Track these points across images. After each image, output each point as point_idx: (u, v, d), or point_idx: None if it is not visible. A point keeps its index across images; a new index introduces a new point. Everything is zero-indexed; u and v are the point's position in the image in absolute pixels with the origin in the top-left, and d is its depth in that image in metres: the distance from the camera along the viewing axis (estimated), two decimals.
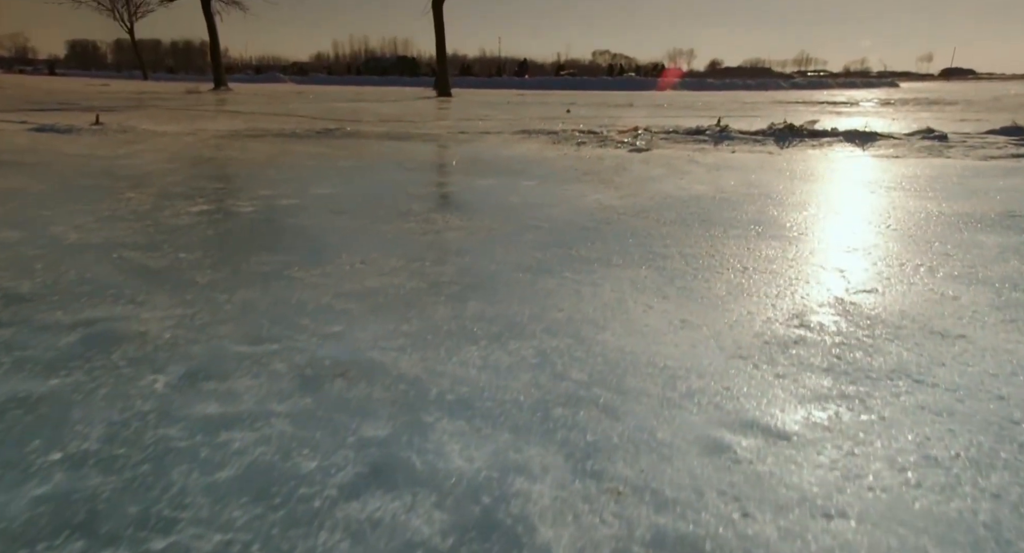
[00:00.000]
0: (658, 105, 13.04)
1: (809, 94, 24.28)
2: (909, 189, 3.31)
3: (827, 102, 15.28)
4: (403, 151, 4.84)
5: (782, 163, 4.33)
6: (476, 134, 6.12)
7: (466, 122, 7.81)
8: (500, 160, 4.42)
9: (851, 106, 13.52)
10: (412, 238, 2.28)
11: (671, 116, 9.41)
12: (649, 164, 4.28)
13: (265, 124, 7.06)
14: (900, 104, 14.36)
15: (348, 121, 7.73)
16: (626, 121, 8.09)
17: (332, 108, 10.53)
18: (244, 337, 1.39)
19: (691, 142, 5.45)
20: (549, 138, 5.75)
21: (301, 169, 3.86)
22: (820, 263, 2.01)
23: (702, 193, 3.20)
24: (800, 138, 5.40)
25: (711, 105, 13.36)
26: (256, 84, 38.63)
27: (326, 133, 6.03)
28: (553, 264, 1.98)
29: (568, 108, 10.54)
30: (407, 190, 3.22)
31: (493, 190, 3.26)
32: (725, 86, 33.27)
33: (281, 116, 8.47)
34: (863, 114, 10.32)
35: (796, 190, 3.29)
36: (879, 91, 31.95)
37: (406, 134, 6.03)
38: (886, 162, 4.36)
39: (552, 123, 7.56)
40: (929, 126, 5.75)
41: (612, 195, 3.14)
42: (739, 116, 9.34)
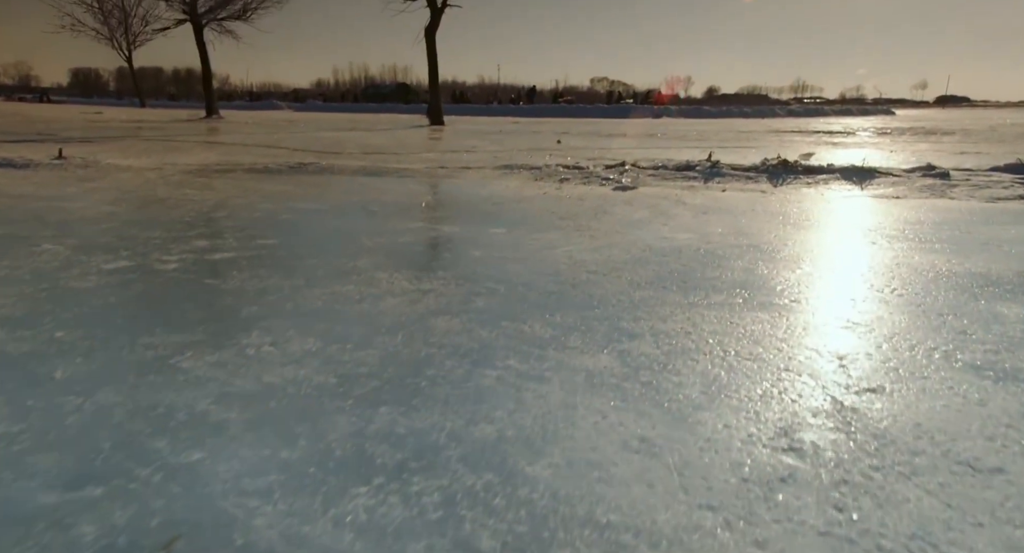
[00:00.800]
0: (651, 134, 12.85)
1: (805, 122, 24.23)
2: (913, 239, 3.01)
3: (823, 131, 15.13)
4: (373, 190, 4.56)
5: (775, 205, 4.04)
6: (456, 169, 5.85)
7: (451, 154, 7.56)
8: (473, 201, 4.13)
9: (847, 135, 13.35)
10: (344, 307, 1.97)
11: (663, 147, 9.18)
12: (632, 205, 3.99)
13: (240, 157, 6.80)
14: (897, 134, 14.20)
15: (329, 153, 7.47)
16: (616, 153, 7.85)
17: (317, 138, 10.30)
18: (62, 476, 1.07)
19: (680, 179, 5.18)
20: (531, 174, 5.48)
21: (254, 213, 3.56)
22: (815, 346, 1.69)
23: (685, 243, 2.90)
24: (794, 175, 5.13)
25: (705, 134, 13.18)
26: (252, 111, 38.75)
27: (299, 168, 5.76)
28: (498, 347, 1.66)
29: (559, 139, 10.32)
30: (361, 240, 2.91)
31: (456, 240, 2.96)
32: (721, 114, 33.35)
33: (261, 147, 8.22)
34: (859, 145, 10.10)
35: (789, 240, 2.99)
36: (875, 119, 32.00)
37: (383, 169, 5.76)
38: (886, 204, 4.07)
39: (539, 155, 7.31)
40: (929, 162, 5.48)
41: (586, 246, 2.84)
42: (733, 147, 9.11)
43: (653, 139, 11.41)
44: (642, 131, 14.51)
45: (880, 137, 12.92)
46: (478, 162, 6.48)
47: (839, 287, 2.24)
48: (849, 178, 4.98)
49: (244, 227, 3.17)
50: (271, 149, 8.00)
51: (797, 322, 1.88)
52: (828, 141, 11.35)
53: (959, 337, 1.76)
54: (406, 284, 2.23)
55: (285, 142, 9.31)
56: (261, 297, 2.06)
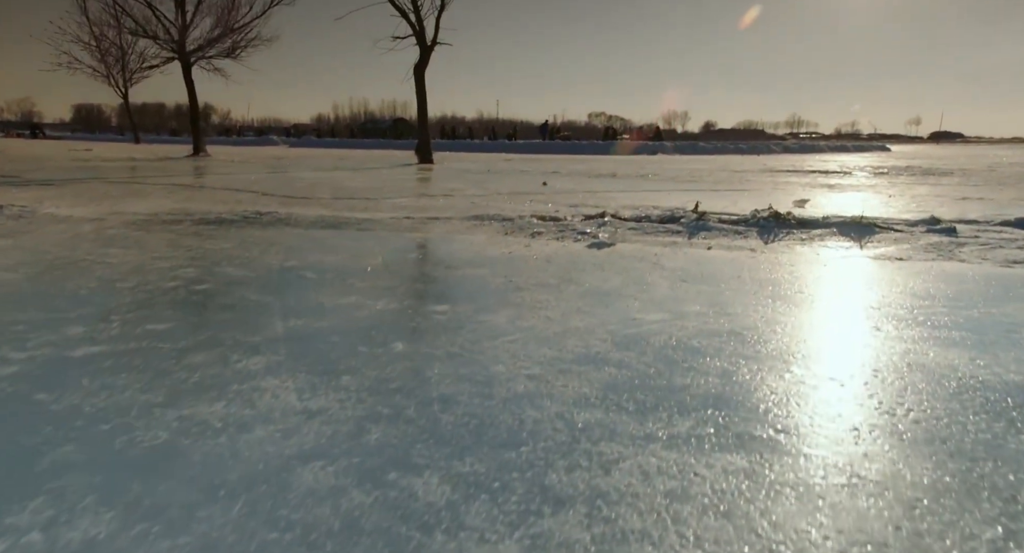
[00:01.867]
0: (642, 175, 12.52)
1: (801, 159, 24.04)
2: (925, 323, 2.55)
3: (819, 171, 14.83)
4: (321, 249, 4.11)
5: (764, 269, 3.60)
6: (423, 220, 5.43)
7: (425, 200, 7.15)
8: (427, 264, 3.69)
9: (844, 176, 13.03)
10: (192, 445, 1.50)
11: (652, 190, 8.80)
12: (604, 270, 3.54)
13: (199, 203, 6.39)
14: (894, 173, 13.89)
15: (297, 199, 7.07)
16: (601, 198, 7.46)
17: (294, 180, 9.93)
18: None
19: (662, 233, 4.75)
20: (502, 227, 5.05)
21: (167, 282, 3.11)
22: (802, 524, 1.21)
23: (655, 330, 2.44)
24: (787, 229, 4.70)
25: (698, 175, 12.85)
26: (246, 147, 38.87)
27: (255, 218, 5.34)
28: (366, 529, 1.19)
29: (545, 181, 9.96)
30: (272, 325, 2.45)
31: (384, 326, 2.49)
32: (717, 150, 33.32)
33: (229, 192, 7.82)
34: (856, 187, 9.74)
35: (778, 324, 2.53)
36: (871, 156, 31.96)
37: (344, 221, 5.34)
38: (890, 269, 3.62)
39: (519, 201, 6.91)
40: (932, 214, 5.06)
41: (537, 333, 2.38)
42: (725, 190, 8.73)
43: (643, 181, 11.06)
44: (634, 170, 14.20)
45: (877, 177, 12.60)
46: (450, 211, 6.07)
47: (838, 407, 1.77)
48: (847, 234, 4.55)
49: (143, 304, 2.71)
50: (238, 194, 7.60)
51: (782, 473, 1.40)
52: (824, 182, 11.01)
53: (1007, 505, 1.28)
54: (293, 400, 1.77)
55: (257, 185, 8.93)
56: (91, 426, 1.59)
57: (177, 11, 17.62)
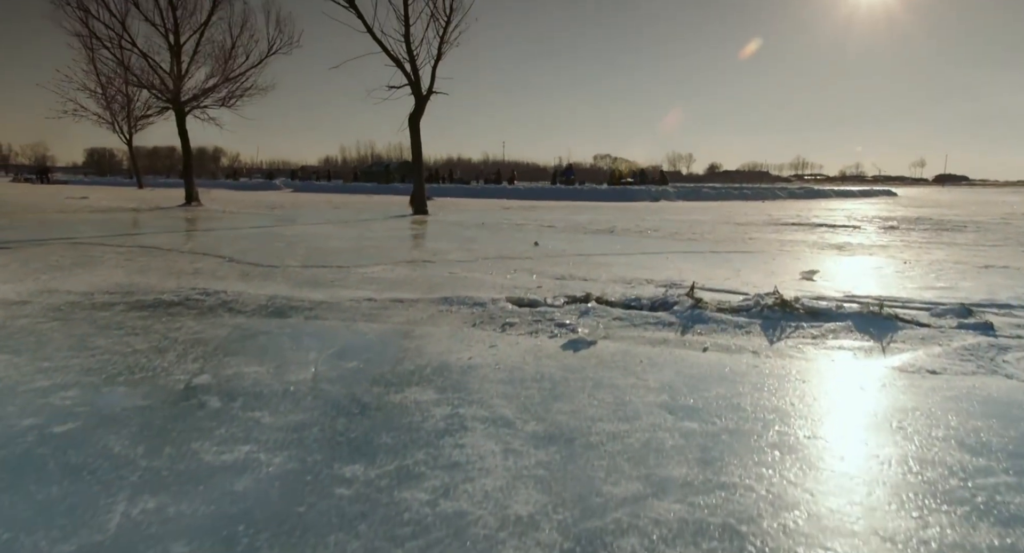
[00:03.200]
0: (641, 230, 11.98)
1: (807, 207, 23.54)
2: (978, 487, 1.91)
3: (826, 224, 14.29)
4: (249, 351, 3.53)
5: (767, 391, 2.97)
6: (387, 303, 4.85)
7: (401, 269, 6.59)
8: (363, 382, 3.08)
9: (852, 231, 12.46)
10: None
11: (649, 252, 8.23)
12: (575, 393, 2.92)
13: (147, 278, 5.84)
14: (905, 228, 13.32)
15: (260, 267, 6.53)
16: (592, 265, 6.88)
17: (273, 237, 9.42)
18: None
19: (652, 326, 4.14)
20: (472, 314, 4.46)
21: (13, 422, 2.50)
22: None
23: (617, 526, 1.81)
24: (796, 322, 4.08)
25: (699, 229, 12.31)
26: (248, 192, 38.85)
27: (195, 302, 4.78)
28: None
29: (537, 241, 9.42)
30: (87, 525, 1.84)
31: (252, 517, 1.87)
32: (720, 195, 32.95)
33: (194, 256, 7.30)
34: (868, 248, 9.15)
35: (786, 509, 1.90)
36: (878, 202, 31.52)
37: (296, 304, 4.76)
38: (922, 392, 2.99)
39: (502, 271, 6.34)
40: (963, 302, 4.45)
41: (452, 544, 1.75)
42: (726, 251, 8.15)
43: (642, 239, 10.51)
44: (633, 224, 13.68)
45: (888, 233, 12.02)
46: (421, 287, 5.49)
47: None
48: (865, 329, 3.93)
49: None
50: (202, 260, 7.07)
51: None
52: (832, 240, 10.43)
53: None
54: None
55: (230, 246, 8.41)
56: None
57: (172, 61, 17.49)
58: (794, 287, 5.77)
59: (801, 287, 5.81)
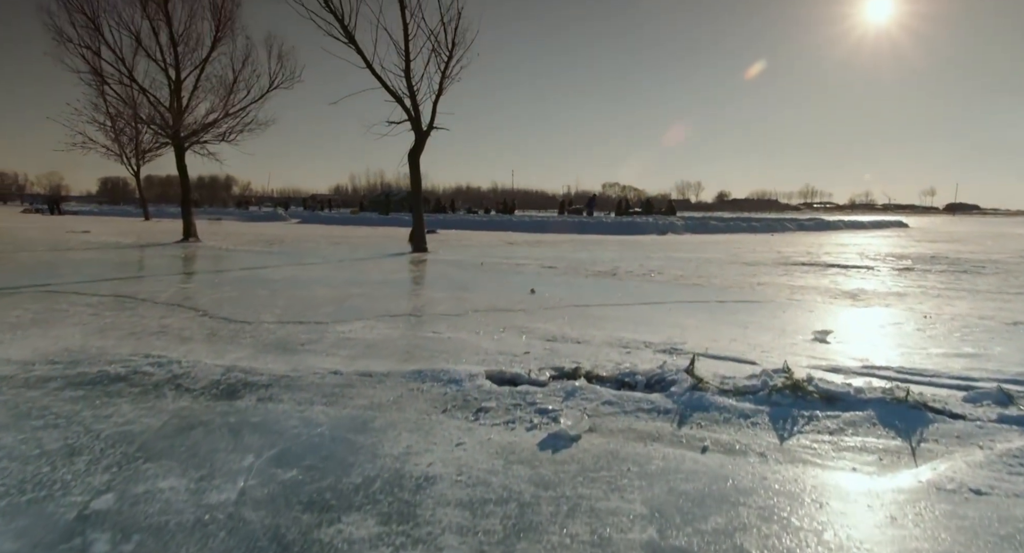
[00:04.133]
0: (645, 273, 11.51)
1: (817, 241, 22.99)
2: None
3: (838, 264, 13.77)
4: (178, 455, 3.06)
5: (776, 522, 2.46)
6: (355, 377, 4.38)
7: (382, 326, 6.14)
8: (301, 499, 2.59)
9: (866, 272, 11.94)
10: None
11: (650, 301, 7.75)
12: (541, 512, 2.43)
13: (104, 339, 5.42)
14: (920, 269, 12.78)
15: (233, 324, 6.10)
16: (587, 322, 6.41)
17: (257, 284, 9.00)
18: None
19: (645, 414, 3.64)
20: (444, 396, 3.98)
21: None
22: None
23: None
24: (809, 411, 3.57)
25: (705, 271, 11.82)
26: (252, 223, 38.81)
27: (142, 376, 4.33)
28: None
29: (533, 288, 8.96)
30: None
31: None
32: (729, 227, 32.50)
33: (166, 308, 6.88)
34: (883, 297, 8.62)
35: None
36: (890, 234, 30.96)
37: (254, 380, 4.31)
38: (965, 518, 2.47)
39: (490, 330, 5.87)
40: (1000, 386, 3.92)
41: None
42: (733, 301, 7.65)
43: (645, 284, 10.03)
44: (637, 265, 13.21)
45: (903, 276, 11.48)
46: (395, 355, 5.03)
47: None
48: (890, 422, 3.41)
49: None
50: (173, 313, 6.66)
51: None
52: (845, 286, 9.91)
53: None
54: None
55: (208, 295, 8.00)
56: None
57: (172, 97, 17.37)
58: (806, 351, 5.27)
59: (814, 351, 5.31)
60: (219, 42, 17.58)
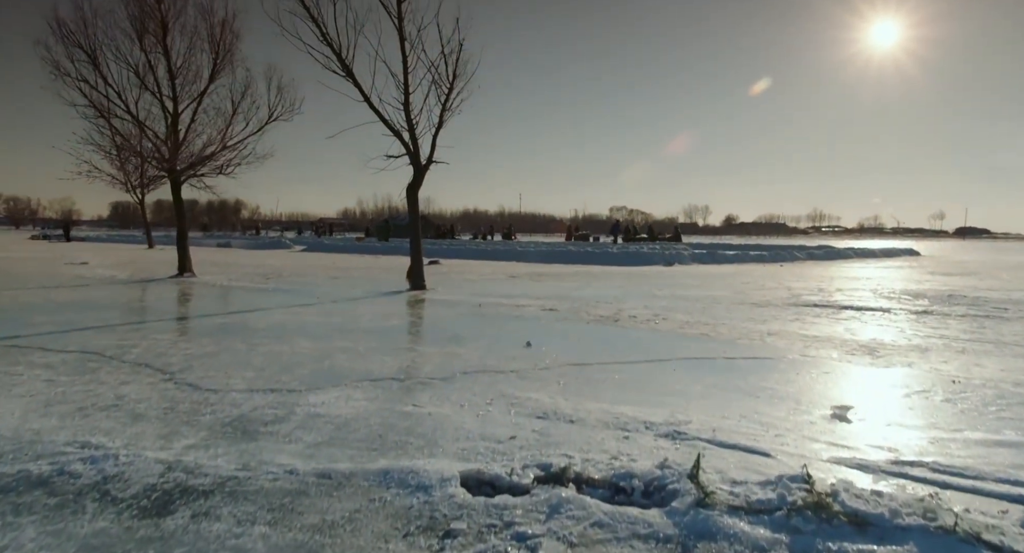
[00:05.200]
0: (650, 319, 10.95)
1: (828, 273, 22.32)
2: None
3: (852, 307, 13.17)
4: None
5: None
6: (308, 482, 3.84)
7: (359, 397, 5.61)
8: None
9: (883, 318, 11.33)
10: None
11: (655, 358, 7.18)
12: None
13: (41, 420, 4.91)
14: (940, 313, 12.16)
15: (200, 393, 5.59)
16: (584, 382, 5.85)
17: (238, 333, 8.50)
18: None
19: (640, 544, 3.08)
20: (406, 514, 3.43)
21: None
22: None
23: None
24: (837, 545, 3.00)
25: (713, 315, 11.24)
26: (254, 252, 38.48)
27: (59, 484, 3.81)
28: None
29: (529, 341, 8.42)
30: None
31: None
32: (737, 257, 31.94)
33: (132, 370, 6.38)
34: (904, 352, 8.01)
35: None
36: (901, 264, 30.26)
37: (194, 483, 3.78)
38: None
39: (476, 399, 5.33)
40: None
41: None
42: (741, 358, 7.08)
43: (649, 333, 9.47)
44: (642, 305, 12.65)
45: (922, 321, 10.86)
46: (365, 442, 4.50)
47: None
48: (930, 544, 2.84)
49: None
50: (136, 375, 6.16)
51: None
52: (861, 335, 9.31)
53: None
54: None
55: (180, 349, 7.50)
56: None
57: (169, 130, 17.11)
58: (825, 435, 4.71)
59: (833, 434, 4.75)
60: (217, 75, 17.36)
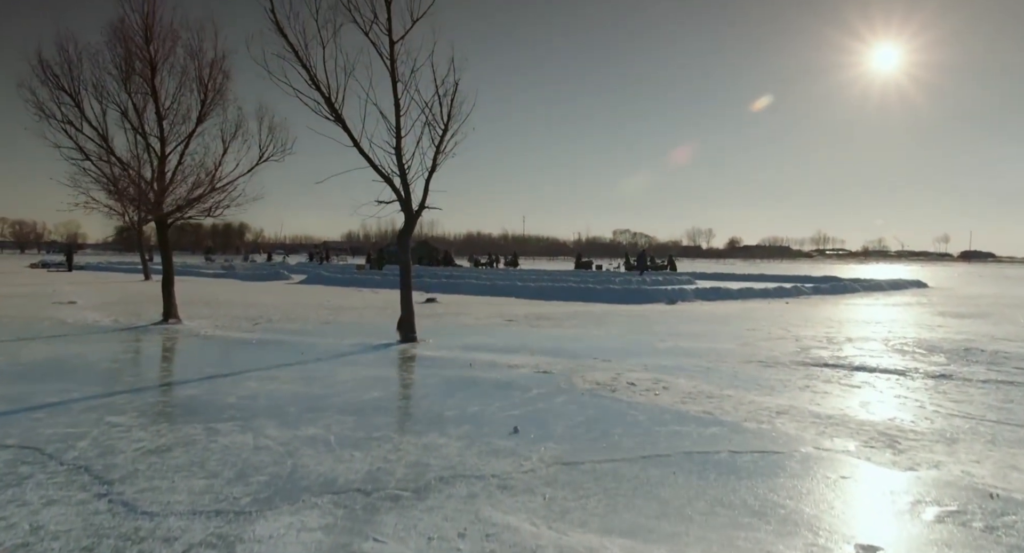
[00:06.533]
0: (650, 388, 10.23)
1: (836, 314, 21.55)
2: None
3: (865, 367, 12.44)
4: None
5: None
6: None
7: (312, 528, 4.92)
8: None
9: (898, 384, 10.60)
10: None
11: (652, 453, 6.47)
12: None
13: None
14: (961, 378, 11.41)
15: (131, 520, 4.91)
16: (566, 515, 5.15)
17: (203, 415, 7.82)
18: None
19: None
20: None
21: None
22: None
23: None
24: None
25: (718, 378, 10.54)
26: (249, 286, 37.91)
27: None
28: None
29: (516, 427, 7.72)
30: None
31: None
32: (741, 294, 31.27)
33: (70, 476, 5.70)
34: (929, 449, 7.28)
35: None
36: (911, 300, 29.46)
37: None
38: None
39: (448, 522, 4.62)
40: None
41: None
42: (749, 453, 6.35)
43: (648, 410, 8.76)
44: (641, 366, 11.94)
45: (941, 389, 10.12)
46: None
47: None
48: None
49: None
50: (71, 484, 5.49)
51: None
52: (878, 413, 8.59)
53: None
54: None
55: (126, 451, 6.83)
56: None
57: (154, 174, 16.65)
58: None
59: None
60: (206, 116, 16.92)
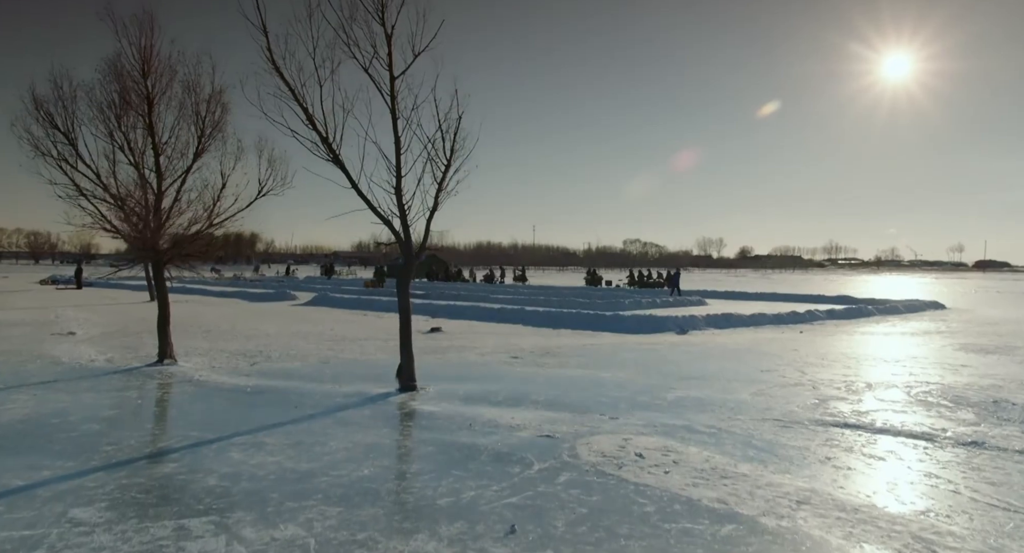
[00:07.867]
0: (659, 464, 9.60)
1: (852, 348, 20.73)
2: None
3: (886, 428, 11.75)
4: None
5: None
6: None
7: None
8: None
9: (925, 455, 9.91)
10: None
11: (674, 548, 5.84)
12: None
13: None
14: (994, 448, 10.69)
15: None
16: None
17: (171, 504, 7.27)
18: None
19: None
20: None
21: None
22: None
23: None
24: None
25: (731, 438, 9.89)
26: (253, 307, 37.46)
27: None
28: None
29: (514, 526, 7.12)
30: None
31: None
32: (753, 321, 30.54)
33: None
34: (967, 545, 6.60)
35: None
36: (929, 327, 28.53)
37: None
38: None
39: None
40: None
41: None
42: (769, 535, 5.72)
43: (655, 495, 8.13)
44: (647, 417, 11.29)
45: (974, 463, 9.42)
46: None
47: None
48: None
49: None
50: None
51: None
52: (906, 499, 7.92)
53: None
54: None
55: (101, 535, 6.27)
56: None
57: (148, 211, 16.22)
58: None
59: None
60: (203, 152, 16.51)
